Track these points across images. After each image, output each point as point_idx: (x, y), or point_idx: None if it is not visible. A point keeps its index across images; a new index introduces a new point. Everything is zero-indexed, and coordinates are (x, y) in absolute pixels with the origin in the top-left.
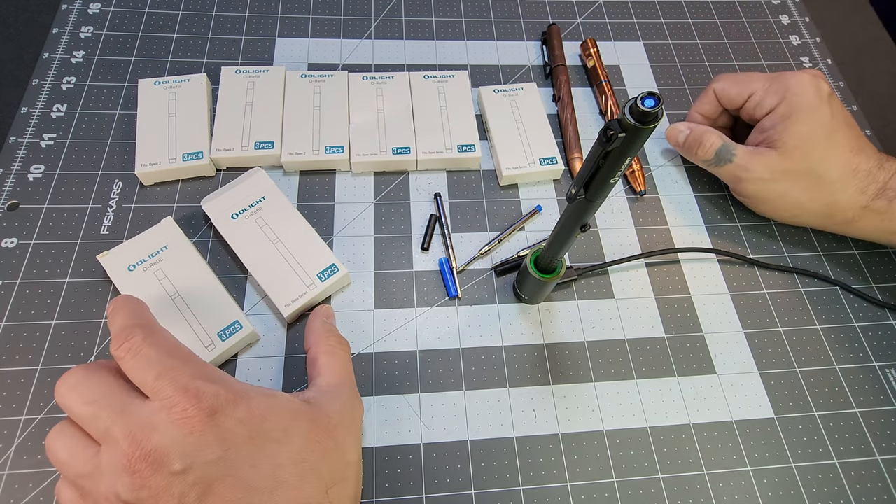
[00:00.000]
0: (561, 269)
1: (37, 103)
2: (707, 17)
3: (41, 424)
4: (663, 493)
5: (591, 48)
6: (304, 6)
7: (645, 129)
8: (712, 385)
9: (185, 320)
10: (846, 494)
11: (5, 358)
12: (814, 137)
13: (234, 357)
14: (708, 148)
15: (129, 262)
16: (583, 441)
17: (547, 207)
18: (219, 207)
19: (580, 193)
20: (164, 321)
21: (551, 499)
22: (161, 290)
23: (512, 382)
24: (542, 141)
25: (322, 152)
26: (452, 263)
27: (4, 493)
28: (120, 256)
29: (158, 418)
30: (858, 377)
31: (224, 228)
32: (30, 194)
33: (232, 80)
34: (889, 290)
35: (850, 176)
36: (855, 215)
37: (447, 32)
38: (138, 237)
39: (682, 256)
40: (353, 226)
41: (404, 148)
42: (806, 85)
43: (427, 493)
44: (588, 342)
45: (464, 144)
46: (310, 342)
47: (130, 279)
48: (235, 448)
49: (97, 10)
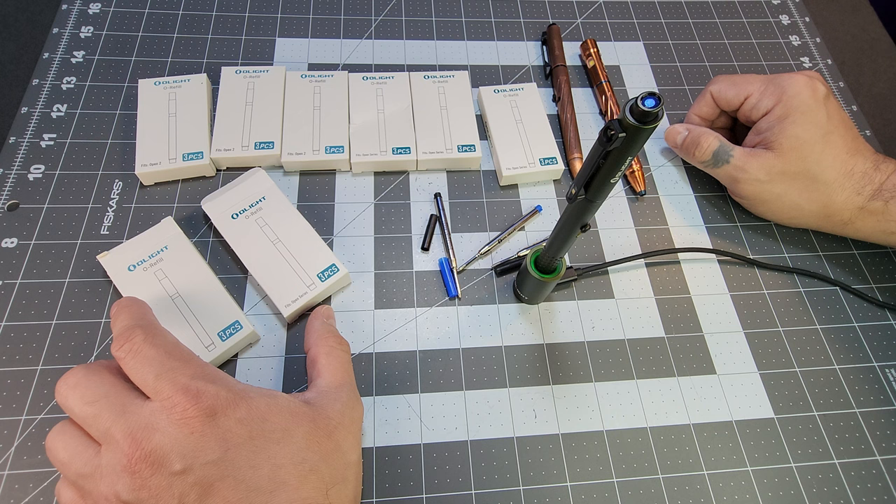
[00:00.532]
0: (561, 270)
1: (37, 103)
2: (707, 17)
3: (41, 424)
4: (663, 493)
5: (591, 48)
6: (304, 6)
7: (645, 130)
8: (712, 385)
9: (185, 320)
10: (846, 494)
11: (5, 358)
12: (810, 139)
13: (235, 357)
14: (705, 149)
15: (129, 262)
16: (583, 441)
17: (547, 207)
18: (219, 207)
19: (580, 193)
20: (165, 321)
21: (551, 499)
22: (161, 290)
23: (512, 382)
24: (542, 141)
25: (322, 152)
26: (452, 263)
27: (4, 493)
28: (120, 256)
29: (159, 419)
30: (858, 377)
31: (224, 228)
32: (30, 194)
33: (232, 80)
34: (889, 290)
35: (846, 177)
36: (852, 216)
37: (447, 32)
38: (138, 237)
39: (682, 256)
40: (354, 226)
41: (404, 148)
42: (802, 87)
43: (427, 493)
44: (588, 342)
45: (464, 144)
46: (309, 343)
47: (131, 279)
48: (235, 448)
49: (97, 10)
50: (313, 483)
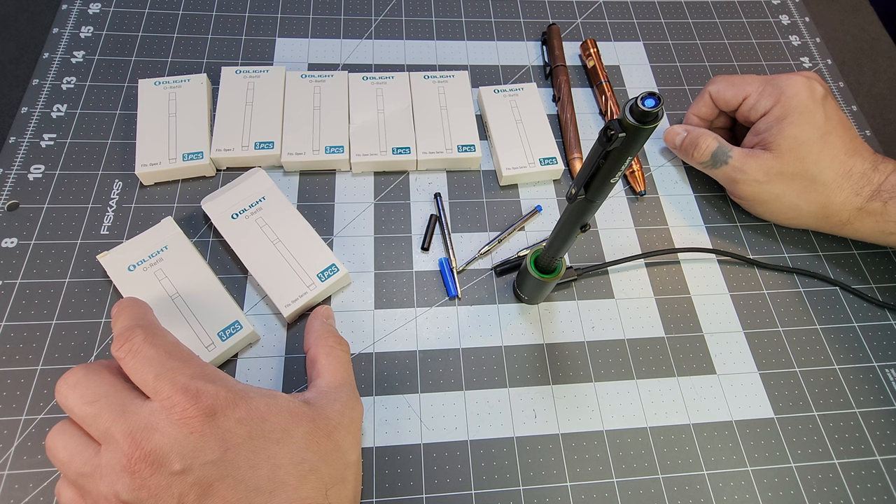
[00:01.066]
0: (561, 269)
1: (37, 103)
2: (707, 18)
3: (41, 424)
4: (663, 493)
5: (591, 48)
6: (304, 6)
7: (645, 129)
8: (712, 385)
9: (185, 320)
10: (846, 494)
11: (5, 358)
12: (808, 140)
13: (235, 357)
14: (704, 150)
15: (129, 262)
16: (583, 441)
17: (547, 207)
18: (219, 207)
19: (580, 193)
20: (165, 321)
21: (551, 499)
22: (161, 290)
23: (512, 382)
24: (542, 141)
25: (322, 152)
26: (452, 263)
27: (4, 493)
28: (120, 256)
29: (158, 418)
30: (858, 377)
31: (224, 228)
32: (30, 194)
33: (232, 80)
34: (888, 290)
35: (844, 178)
36: (850, 217)
37: (447, 32)
38: (138, 237)
39: (682, 256)
40: (353, 226)
41: (404, 148)
42: (800, 87)
43: (427, 493)
44: (588, 342)
45: (464, 144)
46: (309, 343)
47: (130, 279)
48: (235, 448)
49: (97, 10)
50: (313, 483)
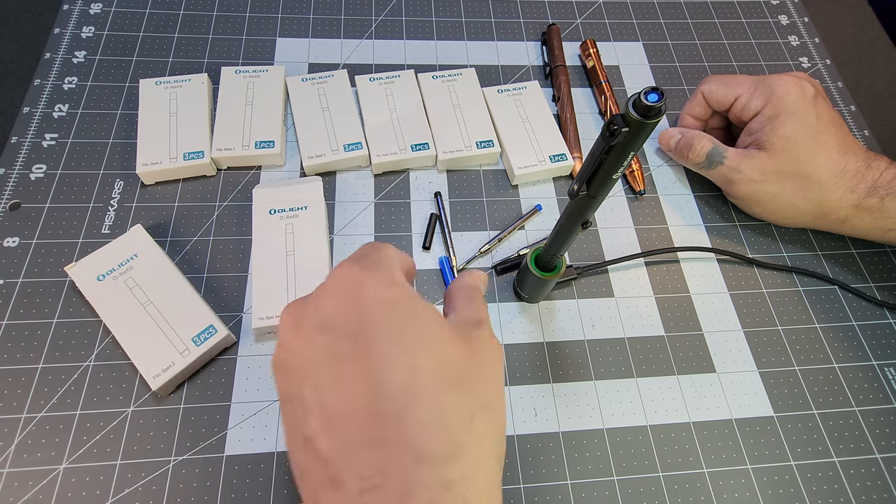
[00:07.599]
0: (561, 268)
1: (38, 103)
2: (706, 18)
3: (41, 422)
4: (663, 491)
5: (591, 48)
6: (304, 6)
7: (648, 124)
8: (712, 383)
9: (157, 328)
10: (846, 492)
11: (6, 356)
12: (800, 139)
13: (213, 360)
14: (699, 151)
15: (98, 272)
16: (583, 439)
17: (547, 206)
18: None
19: (582, 189)
20: (137, 329)
21: (552, 497)
22: (132, 298)
23: (512, 381)
24: (550, 138)
25: (341, 151)
26: (453, 262)
27: (4, 490)
28: (89, 266)
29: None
30: (857, 376)
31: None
32: (31, 194)
33: (232, 80)
34: (887, 288)
35: (839, 176)
36: (848, 214)
37: (447, 32)
38: (107, 246)
39: (682, 256)
40: (354, 225)
41: (423, 144)
42: (790, 87)
43: None
44: (588, 341)
45: (482, 140)
46: (451, 297)
47: (100, 289)
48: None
49: (98, 10)
50: (456, 399)
